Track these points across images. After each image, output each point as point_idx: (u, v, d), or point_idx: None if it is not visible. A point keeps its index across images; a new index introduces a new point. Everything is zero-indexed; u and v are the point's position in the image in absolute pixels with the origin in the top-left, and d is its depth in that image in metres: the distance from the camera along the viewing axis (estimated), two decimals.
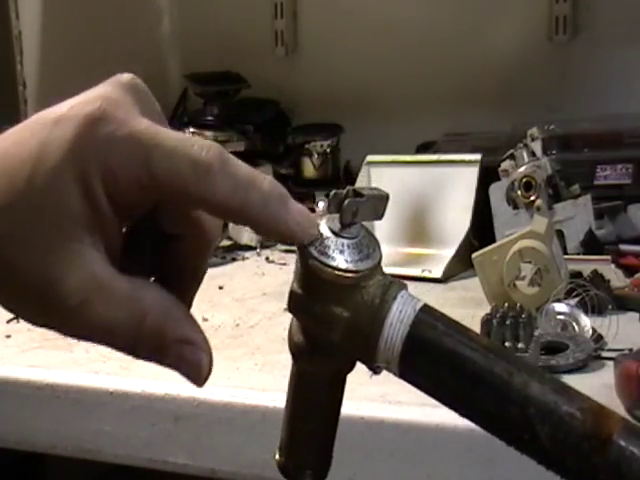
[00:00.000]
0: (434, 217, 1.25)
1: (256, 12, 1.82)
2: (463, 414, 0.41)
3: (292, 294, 0.41)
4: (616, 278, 1.03)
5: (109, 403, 0.82)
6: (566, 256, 1.07)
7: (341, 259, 0.39)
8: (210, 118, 1.64)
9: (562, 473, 0.38)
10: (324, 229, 0.40)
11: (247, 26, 1.83)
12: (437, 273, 1.13)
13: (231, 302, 1.07)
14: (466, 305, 1.00)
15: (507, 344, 0.71)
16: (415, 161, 1.31)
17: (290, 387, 0.45)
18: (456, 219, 1.21)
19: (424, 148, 1.49)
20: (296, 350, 0.43)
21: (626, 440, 0.37)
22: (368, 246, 0.41)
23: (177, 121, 1.70)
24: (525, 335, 0.72)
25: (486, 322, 0.73)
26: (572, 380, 0.74)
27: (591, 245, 1.14)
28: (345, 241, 0.40)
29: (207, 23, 1.86)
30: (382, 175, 1.30)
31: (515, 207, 1.18)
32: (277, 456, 0.46)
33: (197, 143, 0.41)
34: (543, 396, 0.38)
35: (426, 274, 1.13)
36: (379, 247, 0.41)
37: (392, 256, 1.23)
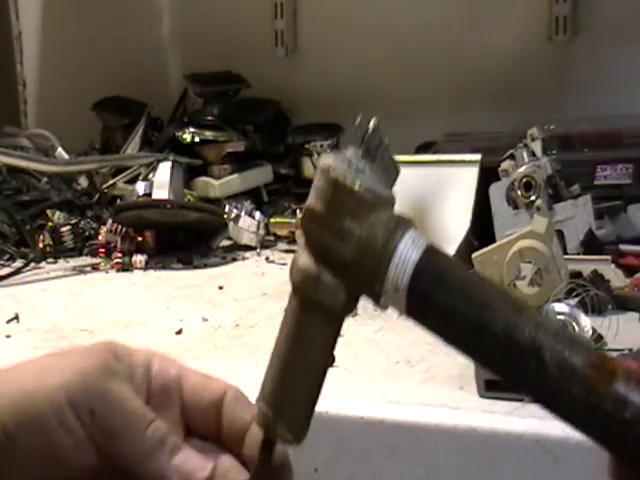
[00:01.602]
0: (434, 217, 1.25)
1: (256, 12, 1.82)
2: (469, 345, 0.39)
3: (308, 209, 0.41)
4: (616, 278, 1.02)
5: None
6: (566, 256, 1.07)
7: (364, 178, 0.40)
8: (210, 118, 1.64)
9: (568, 402, 0.37)
10: (350, 151, 0.41)
11: (247, 26, 1.83)
12: None
13: (231, 302, 1.07)
14: None
15: None
16: (415, 161, 1.31)
17: (284, 327, 0.44)
18: (456, 219, 1.21)
19: (424, 148, 1.49)
20: (301, 277, 0.42)
21: (630, 375, 0.37)
22: (387, 180, 0.41)
23: (177, 121, 1.70)
24: None
25: None
26: None
27: (591, 245, 1.13)
28: (368, 164, 0.41)
29: (207, 23, 1.86)
30: None
31: (515, 207, 1.18)
32: (258, 405, 0.44)
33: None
34: (553, 326, 0.38)
35: None
36: (394, 183, 0.42)
37: None
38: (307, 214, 0.41)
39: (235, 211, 1.36)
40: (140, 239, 1.30)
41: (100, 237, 1.31)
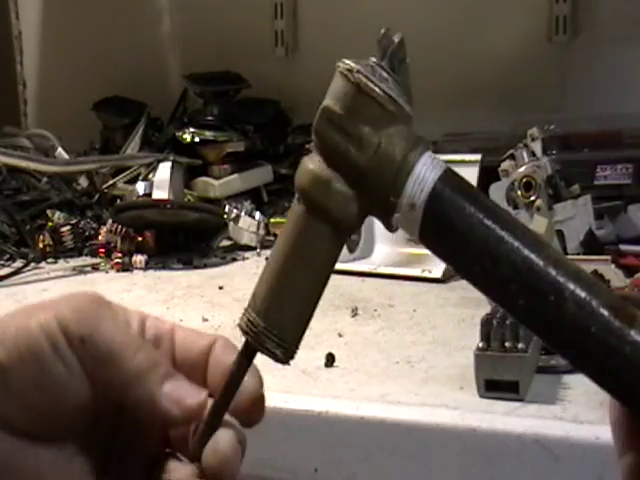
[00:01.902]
0: None
1: (256, 12, 1.82)
2: (484, 273, 0.37)
3: (325, 110, 0.39)
4: (616, 278, 1.02)
5: None
6: (566, 256, 1.07)
7: (388, 86, 0.39)
8: (210, 118, 1.64)
9: (585, 342, 0.35)
10: (373, 59, 0.40)
11: (247, 26, 1.83)
12: (437, 273, 1.13)
13: (231, 302, 1.07)
14: (466, 305, 1.01)
15: (507, 344, 0.71)
16: None
17: (285, 234, 0.41)
18: None
19: None
20: (311, 181, 0.40)
21: None
22: (407, 96, 0.40)
23: (177, 121, 1.70)
24: (525, 335, 0.72)
25: (486, 322, 0.73)
26: (572, 380, 0.74)
27: (591, 245, 1.14)
28: (392, 76, 0.40)
29: (207, 23, 1.86)
30: None
31: (515, 207, 1.18)
32: (247, 314, 0.42)
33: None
34: (573, 265, 0.36)
35: (426, 274, 1.13)
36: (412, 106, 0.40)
37: (392, 256, 1.23)
38: (323, 115, 0.39)
39: (235, 211, 1.36)
40: (140, 239, 1.30)
41: (100, 237, 1.31)
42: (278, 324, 0.41)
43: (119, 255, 1.27)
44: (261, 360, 0.81)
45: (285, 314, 0.41)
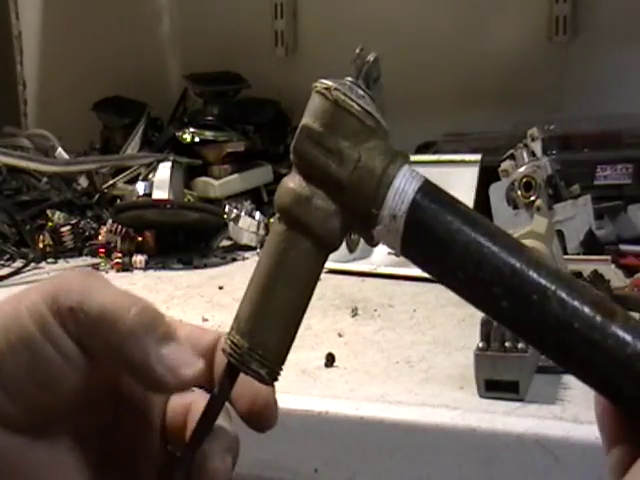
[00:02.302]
0: None
1: (256, 12, 1.82)
2: (468, 279, 0.38)
3: (304, 128, 0.40)
4: (616, 278, 1.02)
5: None
6: (566, 256, 1.07)
7: (365, 102, 0.40)
8: (210, 118, 1.64)
9: (569, 339, 0.36)
10: (348, 79, 0.40)
11: (247, 26, 1.83)
12: None
13: (231, 302, 1.07)
14: (466, 305, 1.00)
15: (507, 344, 0.71)
16: (415, 161, 1.31)
17: (266, 254, 0.41)
18: None
19: (424, 148, 1.49)
20: (291, 198, 0.40)
21: (628, 316, 0.36)
22: (381, 113, 0.41)
23: (177, 121, 1.70)
24: None
25: (486, 322, 0.73)
26: (572, 380, 0.74)
27: (591, 245, 1.14)
28: (367, 94, 0.40)
29: (207, 23, 1.86)
30: None
31: (515, 207, 1.18)
32: (230, 336, 0.41)
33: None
34: (553, 265, 0.38)
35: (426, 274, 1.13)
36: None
37: (392, 256, 1.23)
38: (302, 133, 0.40)
39: (235, 211, 1.36)
40: (140, 239, 1.30)
41: (100, 237, 1.31)
42: (262, 344, 0.41)
43: (119, 255, 1.27)
44: None
45: (269, 334, 0.41)
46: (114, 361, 0.41)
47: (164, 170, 1.43)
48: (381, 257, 1.24)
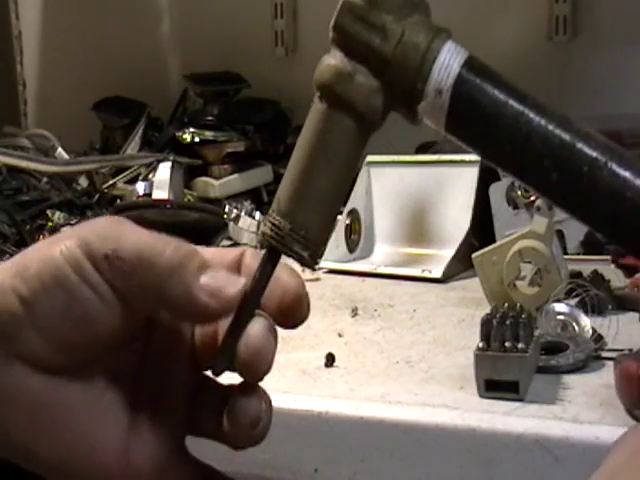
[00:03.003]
0: (434, 217, 1.25)
1: (256, 12, 1.82)
2: (515, 151, 0.38)
3: (346, 2, 0.39)
4: (616, 278, 1.02)
5: None
6: (566, 256, 1.07)
7: None
8: (210, 118, 1.64)
9: (621, 208, 0.36)
10: None
11: (247, 26, 1.83)
12: (437, 273, 1.13)
13: None
14: (466, 305, 1.01)
15: (507, 344, 0.71)
16: (415, 161, 1.31)
17: (307, 133, 0.41)
18: (456, 219, 1.21)
19: (424, 148, 1.49)
20: (333, 75, 0.39)
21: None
22: None
23: (177, 121, 1.70)
24: (525, 335, 0.72)
25: (486, 322, 0.73)
26: (572, 380, 0.74)
27: (591, 245, 1.13)
28: None
29: (207, 23, 1.86)
30: (382, 175, 1.30)
31: (515, 207, 1.18)
32: (270, 218, 0.41)
33: None
34: (602, 138, 0.38)
35: (426, 274, 1.13)
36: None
37: (392, 256, 1.23)
38: (344, 7, 0.39)
39: (235, 211, 1.36)
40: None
41: None
42: (304, 226, 0.40)
43: None
44: None
45: (311, 215, 0.40)
46: (152, 302, 0.41)
47: (164, 170, 1.43)
48: (381, 257, 1.24)
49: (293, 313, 0.44)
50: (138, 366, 0.45)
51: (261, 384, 0.44)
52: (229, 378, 0.45)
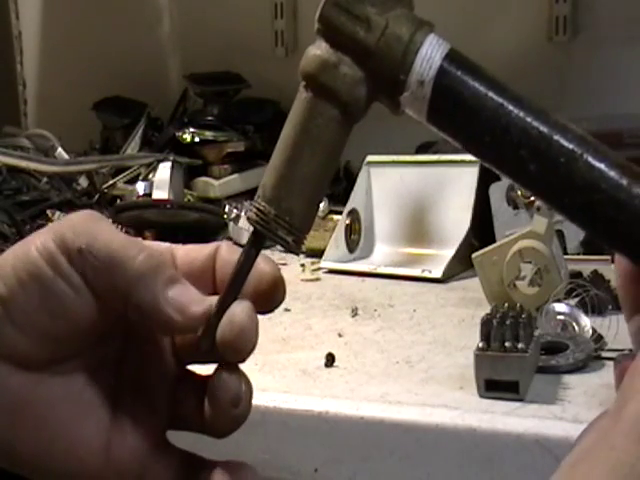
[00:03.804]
0: (434, 217, 1.25)
1: (256, 12, 1.82)
2: (494, 143, 0.39)
3: None
4: (616, 278, 1.02)
5: None
6: (566, 256, 1.07)
7: None
8: (210, 118, 1.64)
9: (597, 199, 0.37)
10: None
11: (247, 26, 1.83)
12: (437, 273, 1.13)
13: None
14: (466, 305, 1.01)
15: (507, 344, 0.71)
16: (415, 161, 1.31)
17: (292, 122, 0.42)
18: (456, 219, 1.21)
19: (424, 148, 1.49)
20: (318, 64, 0.41)
21: None
22: None
23: (177, 121, 1.70)
24: (525, 335, 0.72)
25: (486, 322, 0.73)
26: (572, 380, 0.74)
27: (591, 245, 1.13)
28: None
29: (207, 23, 1.86)
30: (382, 175, 1.30)
31: (515, 207, 1.18)
32: (255, 203, 0.42)
33: None
34: (580, 130, 0.38)
35: (426, 274, 1.13)
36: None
37: (392, 256, 1.23)
38: (329, 0, 0.40)
39: (235, 211, 1.36)
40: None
41: None
42: (289, 211, 0.41)
43: None
44: (260, 361, 0.81)
45: (295, 201, 0.41)
46: (121, 303, 0.42)
47: (164, 170, 1.43)
48: (381, 257, 1.24)
49: (271, 297, 0.44)
50: (119, 361, 0.45)
51: (259, 383, 0.44)
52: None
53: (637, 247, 0.37)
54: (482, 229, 1.19)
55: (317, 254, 1.22)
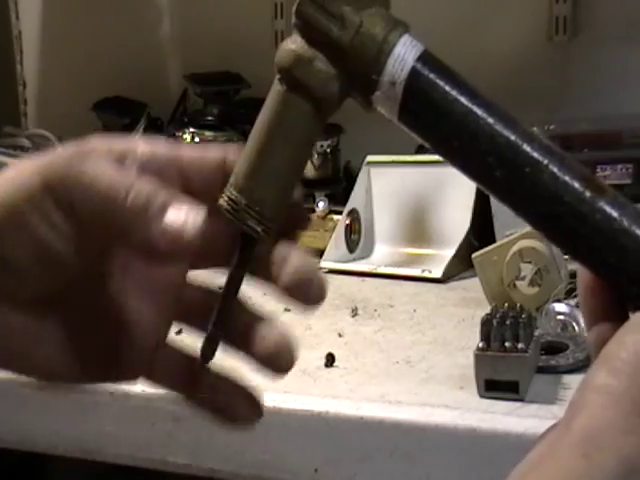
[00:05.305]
0: (434, 217, 1.25)
1: (256, 12, 1.82)
2: (463, 146, 0.39)
3: None
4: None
5: (109, 403, 0.82)
6: (566, 256, 1.07)
7: None
8: (210, 118, 1.64)
9: (559, 211, 0.37)
10: None
11: (247, 26, 1.83)
12: (437, 273, 1.13)
13: None
14: (466, 305, 1.01)
15: (507, 344, 0.71)
16: (415, 161, 1.31)
17: (265, 113, 0.42)
18: (456, 219, 1.21)
19: (424, 148, 1.48)
20: (292, 59, 0.41)
21: (616, 194, 0.37)
22: None
23: (177, 121, 1.70)
24: (525, 335, 0.72)
25: (486, 322, 0.73)
26: (572, 380, 0.74)
27: None
28: None
29: (207, 23, 1.86)
30: (382, 175, 1.30)
31: None
32: (227, 192, 0.42)
33: None
34: (547, 141, 0.39)
35: (426, 274, 1.13)
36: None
37: (392, 256, 1.23)
38: None
39: None
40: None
41: None
42: (260, 201, 0.41)
43: None
44: None
45: (266, 192, 0.41)
46: (113, 236, 0.41)
47: None
48: (381, 257, 1.24)
49: (304, 288, 0.44)
50: (90, 308, 0.44)
51: (259, 384, 0.44)
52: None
53: (597, 260, 0.37)
54: (482, 229, 1.19)
55: (317, 254, 1.22)
